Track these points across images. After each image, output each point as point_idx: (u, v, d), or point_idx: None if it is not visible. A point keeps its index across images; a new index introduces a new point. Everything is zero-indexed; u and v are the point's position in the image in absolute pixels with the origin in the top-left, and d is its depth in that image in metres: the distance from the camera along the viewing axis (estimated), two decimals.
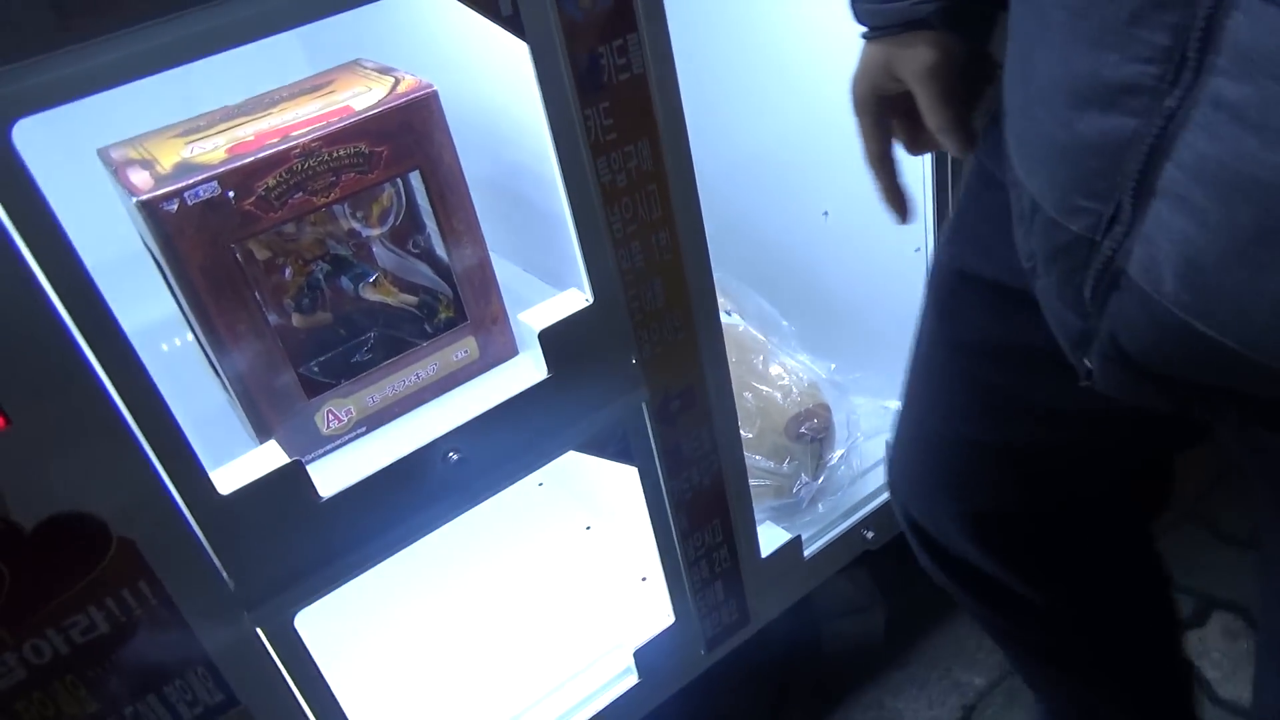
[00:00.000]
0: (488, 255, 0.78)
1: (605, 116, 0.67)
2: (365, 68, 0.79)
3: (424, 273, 0.78)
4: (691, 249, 0.77)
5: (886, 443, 1.08)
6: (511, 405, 0.72)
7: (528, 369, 0.74)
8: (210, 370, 0.76)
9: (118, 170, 0.68)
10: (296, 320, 0.74)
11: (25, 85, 0.46)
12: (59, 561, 0.56)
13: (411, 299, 0.78)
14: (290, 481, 0.63)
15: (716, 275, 1.22)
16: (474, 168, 0.74)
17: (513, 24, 0.62)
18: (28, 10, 0.45)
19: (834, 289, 1.20)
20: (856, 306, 1.17)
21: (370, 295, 0.77)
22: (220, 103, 0.76)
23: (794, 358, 1.09)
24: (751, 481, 1.01)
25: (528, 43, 0.62)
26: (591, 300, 0.73)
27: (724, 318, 1.10)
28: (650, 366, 0.78)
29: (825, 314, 1.24)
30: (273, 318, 0.71)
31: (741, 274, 1.32)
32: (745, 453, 0.99)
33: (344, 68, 0.80)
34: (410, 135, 0.70)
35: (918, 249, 1.02)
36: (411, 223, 0.75)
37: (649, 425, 0.81)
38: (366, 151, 0.69)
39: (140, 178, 0.65)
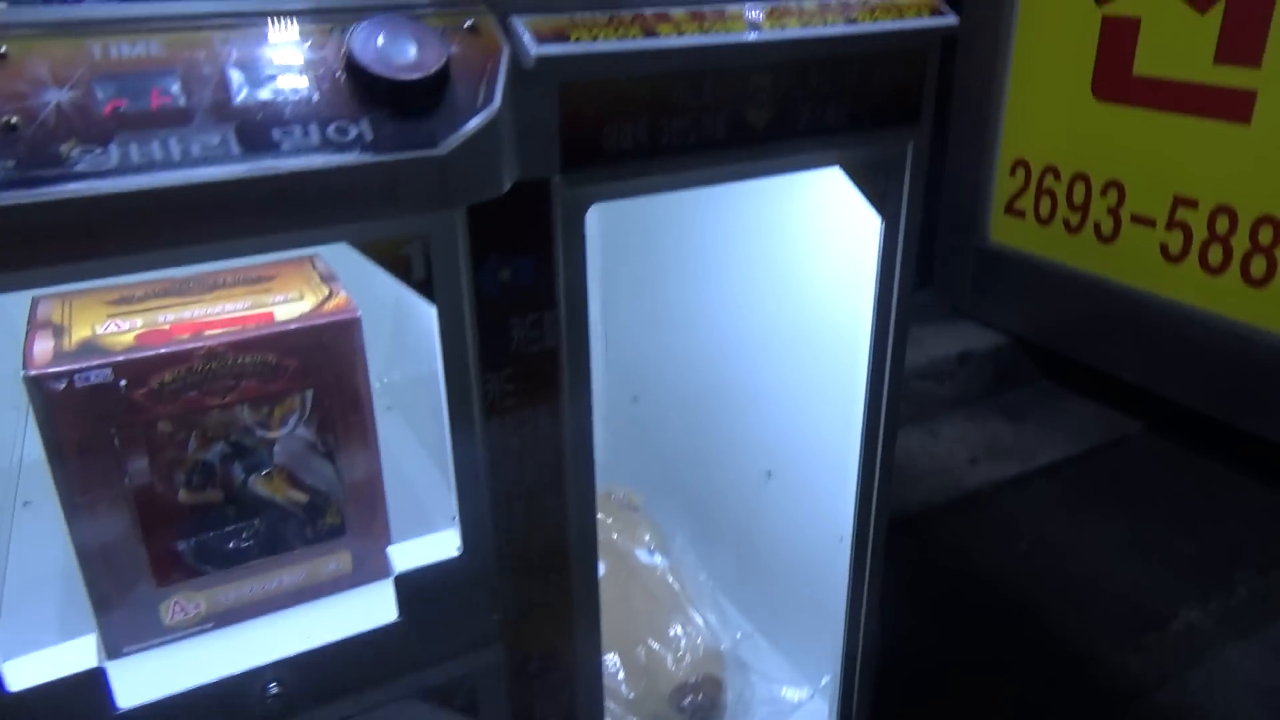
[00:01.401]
0: (378, 472, 0.78)
1: (506, 382, 0.68)
2: (314, 269, 0.81)
3: (322, 473, 0.78)
4: (579, 516, 0.76)
5: None
6: (353, 643, 0.70)
7: (378, 605, 0.72)
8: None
9: (31, 329, 0.69)
10: (183, 495, 0.74)
11: None
12: None
13: (300, 497, 0.78)
14: (88, 687, 0.61)
15: (651, 509, 1.21)
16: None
17: (423, 288, 0.63)
18: None
19: (762, 554, 1.17)
20: (779, 579, 1.15)
21: (259, 488, 0.76)
22: None
23: (702, 616, 1.06)
24: None
25: (436, 306, 0.64)
26: (461, 550, 0.72)
27: (644, 556, 1.09)
28: (515, 625, 0.76)
29: (748, 576, 1.22)
30: (158, 487, 0.70)
31: (678, 510, 1.31)
32: (622, 714, 0.95)
33: (296, 263, 0.82)
34: (323, 354, 0.71)
35: (842, 538, 1.00)
36: (318, 424, 0.75)
37: (502, 684, 0.78)
38: (274, 363, 0.70)
39: (42, 347, 0.66)
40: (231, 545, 0.75)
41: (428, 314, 0.65)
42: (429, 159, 0.52)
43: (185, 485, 0.73)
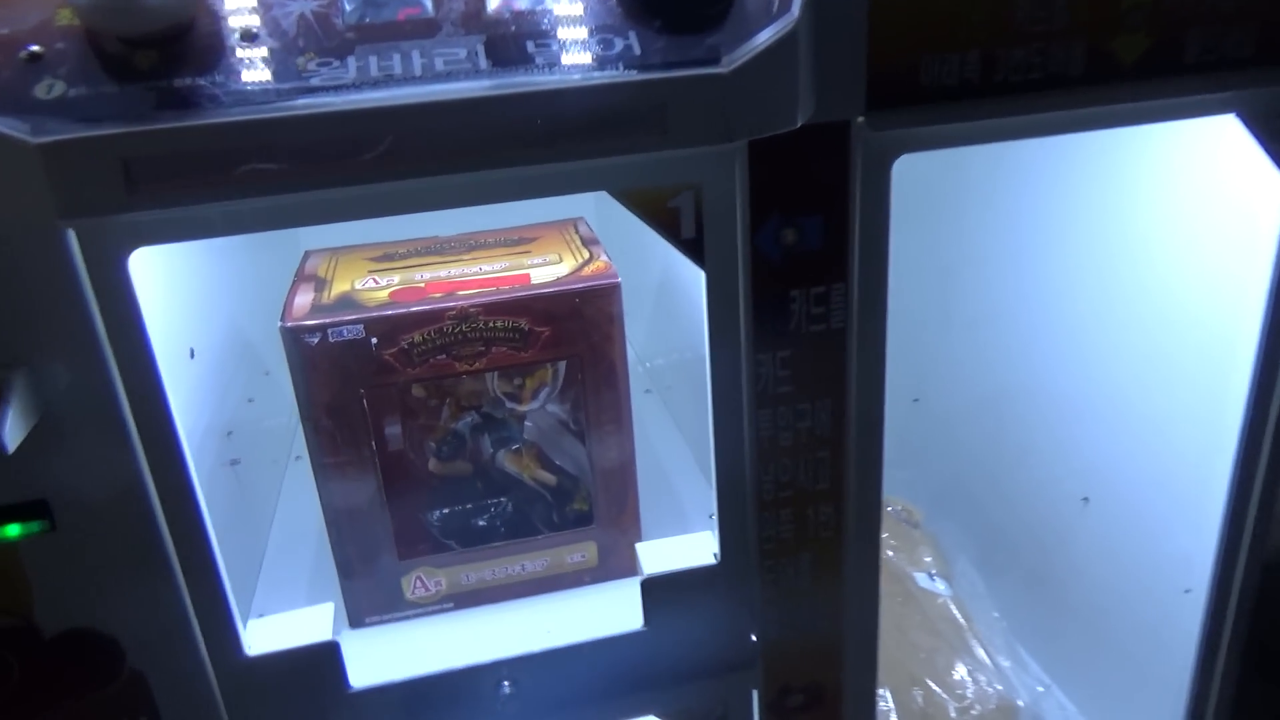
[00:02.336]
0: (632, 458, 0.70)
1: (781, 366, 0.57)
2: (576, 233, 0.74)
3: (572, 454, 0.71)
4: (860, 529, 0.64)
5: None
6: (593, 647, 0.62)
7: (623, 607, 0.64)
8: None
9: (296, 280, 0.68)
10: (434, 465, 0.70)
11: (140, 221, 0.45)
12: (69, 674, 0.54)
13: (549, 478, 0.72)
14: (322, 661, 0.57)
15: (933, 528, 1.05)
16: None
17: (693, 249, 0.54)
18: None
19: (1071, 597, 0.98)
20: (1093, 630, 0.95)
21: (507, 465, 0.71)
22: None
23: (994, 659, 0.90)
24: None
25: (706, 271, 0.54)
26: (718, 557, 0.62)
27: (924, 581, 0.94)
28: (774, 650, 0.65)
29: (1051, 621, 1.02)
30: (407, 455, 0.67)
31: (965, 534, 1.14)
32: None
33: (559, 225, 0.76)
34: (578, 322, 0.64)
35: (1189, 590, 0.79)
36: (571, 401, 0.69)
37: (755, 716, 0.67)
38: (525, 329, 0.63)
39: (302, 300, 0.64)
40: (476, 522, 0.71)
41: (695, 282, 0.56)
42: (709, 78, 0.42)
43: (435, 455, 0.69)
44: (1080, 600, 0.97)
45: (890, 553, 0.98)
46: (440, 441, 0.69)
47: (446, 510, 0.70)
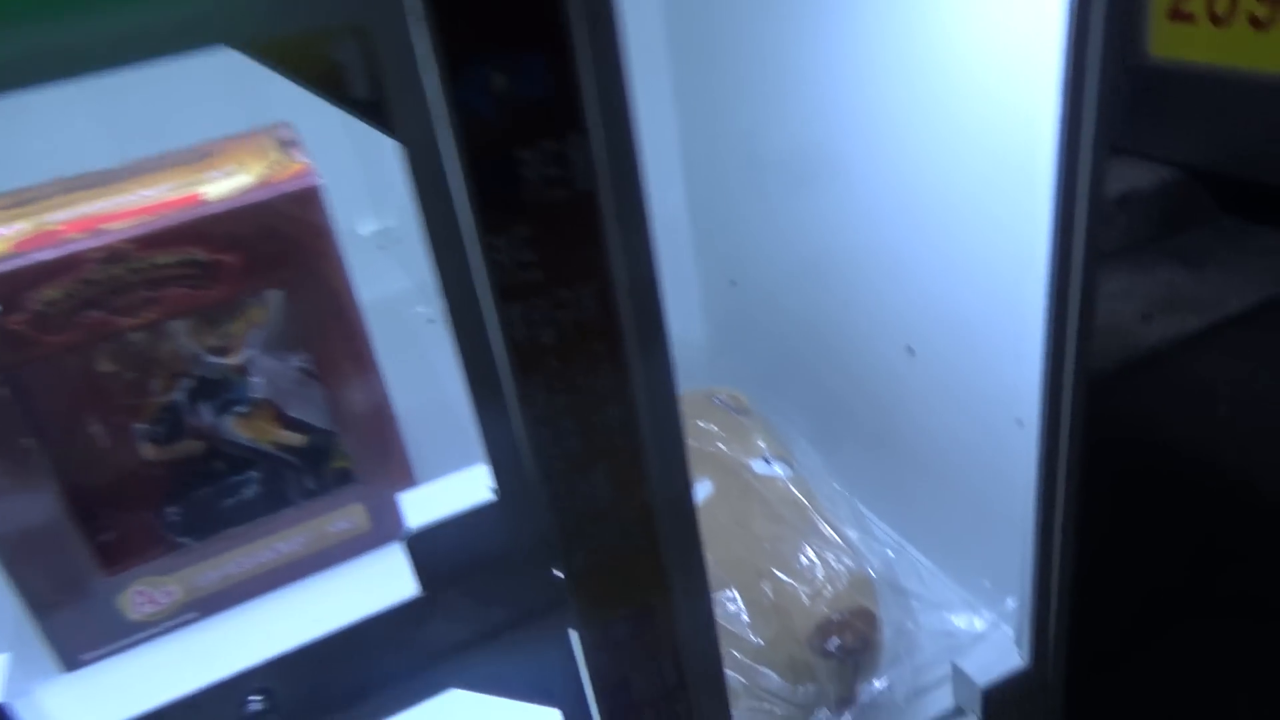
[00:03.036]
0: (385, 399, 0.58)
1: (524, 249, 0.46)
2: (276, 137, 0.60)
3: (317, 404, 0.59)
4: (660, 429, 0.55)
5: (953, 666, 0.82)
6: (363, 629, 0.51)
7: (393, 577, 0.53)
8: None
9: None
10: (151, 451, 0.56)
11: None
12: None
13: (295, 439, 0.59)
14: None
15: (765, 410, 0.99)
16: None
17: (374, 114, 0.41)
18: None
19: (910, 451, 0.94)
20: (937, 480, 0.91)
21: (238, 432, 0.58)
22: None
23: (841, 534, 0.85)
24: (752, 705, 0.76)
25: (400, 140, 0.42)
26: (496, 491, 0.52)
27: (761, 467, 0.87)
28: (585, 582, 0.56)
29: (896, 481, 0.99)
30: (111, 444, 0.53)
31: (799, 410, 1.09)
32: (751, 665, 0.75)
33: (252, 135, 0.62)
34: (274, 242, 0.51)
35: (1020, 421, 0.76)
36: (295, 340, 0.56)
37: (580, 657, 0.58)
38: (203, 260, 0.50)
39: None
40: (219, 509, 0.58)
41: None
42: None
43: (151, 438, 0.55)
44: (920, 453, 0.93)
45: (721, 445, 0.91)
46: (154, 421, 0.56)
47: (179, 502, 0.57)
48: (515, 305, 0.47)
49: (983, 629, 0.82)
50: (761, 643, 0.78)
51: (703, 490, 0.88)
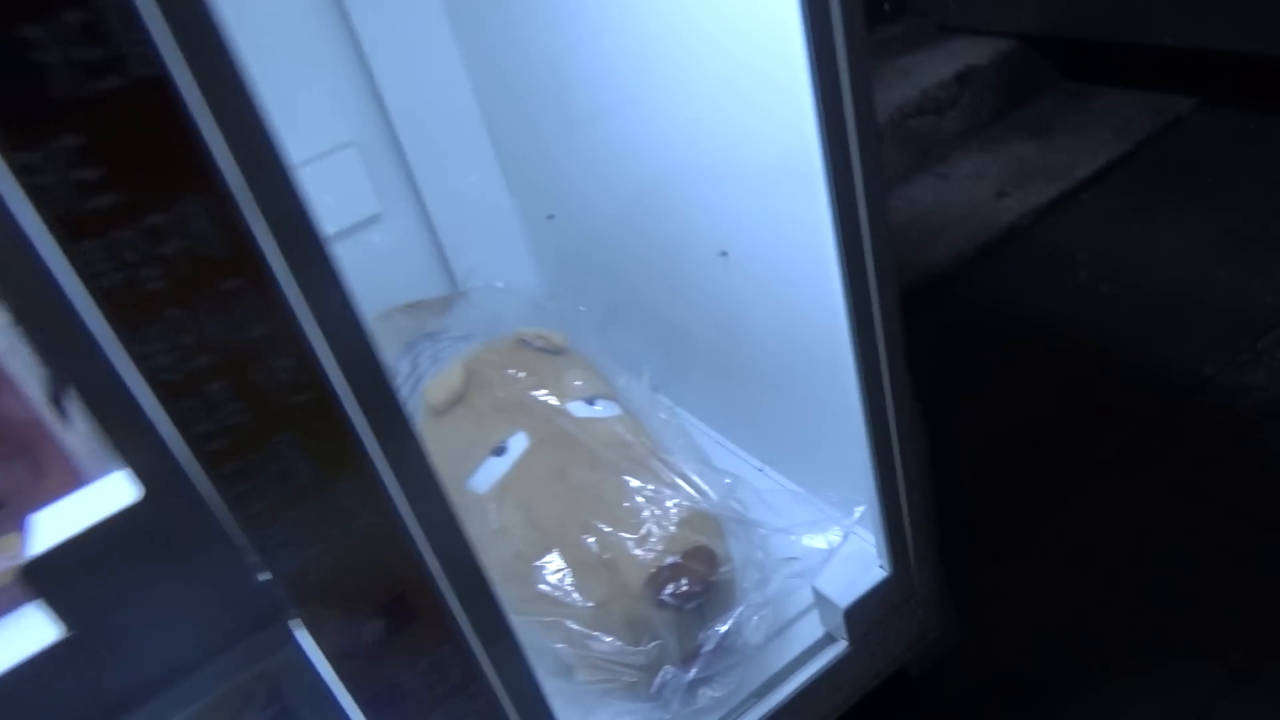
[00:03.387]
0: (28, 401, 0.46)
1: (79, 165, 0.35)
2: None
3: None
4: (353, 363, 0.44)
5: (814, 591, 0.74)
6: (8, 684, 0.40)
7: (29, 622, 0.41)
8: None
9: None
10: None
11: None
12: None
13: None
14: None
15: (592, 351, 0.89)
16: None
17: None
18: None
19: (740, 366, 0.86)
20: (769, 394, 0.83)
21: None
22: None
23: (674, 471, 0.76)
24: (592, 677, 0.67)
25: None
26: (145, 494, 0.40)
27: (581, 410, 0.77)
28: (306, 581, 0.46)
29: (730, 401, 0.90)
30: None
31: (634, 346, 1.00)
32: (584, 632, 0.66)
33: None
34: None
35: (836, 315, 0.67)
36: None
37: (324, 670, 0.48)
38: None
39: None
40: None
41: None
42: None
43: None
44: (748, 367, 0.84)
45: (534, 392, 0.81)
46: None
47: None
48: (90, 244, 0.36)
49: (836, 543, 0.74)
50: (593, 605, 0.69)
51: (517, 446, 0.78)
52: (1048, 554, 1.01)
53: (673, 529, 0.70)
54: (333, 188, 1.11)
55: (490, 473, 0.78)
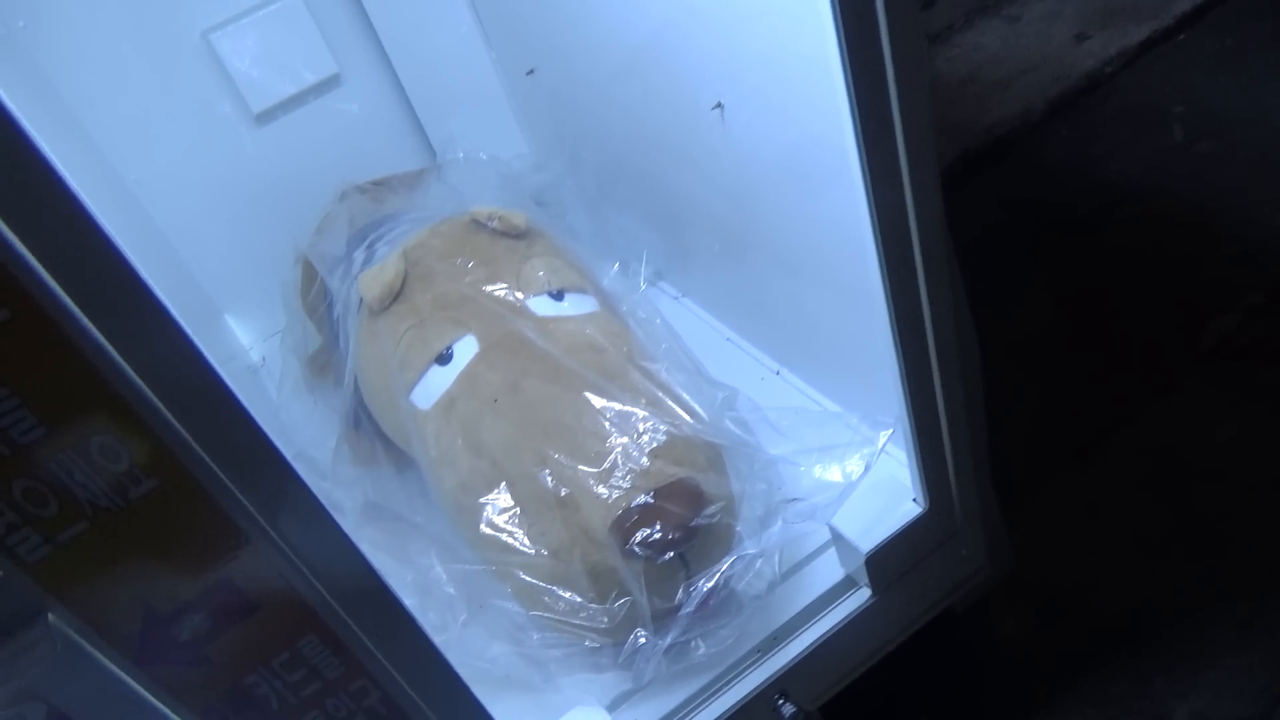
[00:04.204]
0: None
1: None
2: None
3: None
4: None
5: (831, 530, 0.60)
6: None
7: None
8: None
9: None
10: None
11: None
12: None
13: None
14: None
15: (558, 227, 0.74)
16: None
17: None
18: None
19: (750, 239, 0.69)
20: (792, 279, 0.67)
21: None
22: None
23: (656, 383, 0.60)
24: (549, 639, 0.55)
25: None
26: None
27: (544, 307, 0.63)
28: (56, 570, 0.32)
29: (753, 290, 0.74)
30: None
31: (630, 225, 0.84)
32: (538, 586, 0.53)
33: None
34: None
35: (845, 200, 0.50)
36: None
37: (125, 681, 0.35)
38: None
39: None
40: None
41: None
42: None
43: None
44: (759, 245, 0.68)
45: (486, 287, 0.66)
46: None
47: None
48: None
49: (855, 474, 0.59)
50: (547, 554, 0.55)
51: (464, 352, 0.63)
52: (1120, 472, 0.85)
53: (644, 460, 0.55)
54: (279, 44, 0.95)
55: (434, 385, 0.63)
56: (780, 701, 0.58)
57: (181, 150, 0.96)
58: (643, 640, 0.54)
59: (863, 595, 0.61)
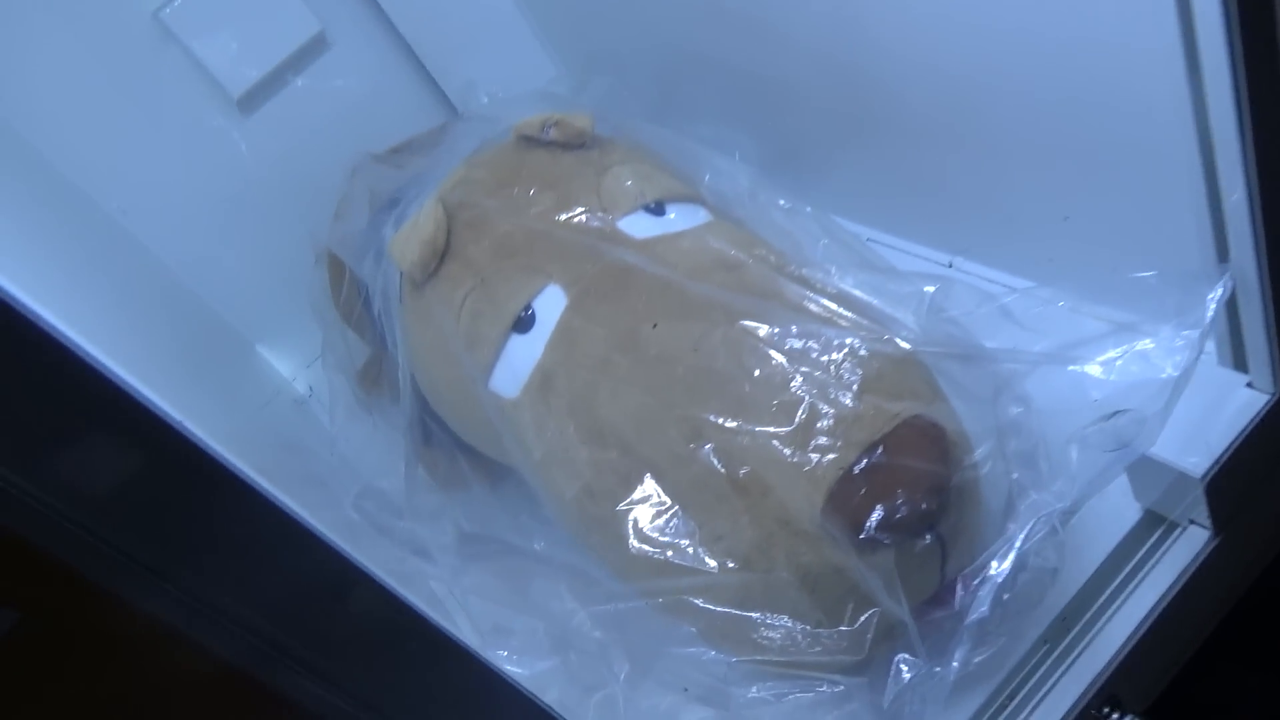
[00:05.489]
0: None
1: None
2: None
3: None
4: None
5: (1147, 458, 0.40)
6: None
7: None
8: None
9: None
10: None
11: None
12: None
13: None
14: None
15: (637, 129, 0.55)
16: None
17: None
18: None
19: (861, 110, 0.50)
20: (954, 122, 0.47)
21: None
22: None
23: (835, 298, 0.42)
24: (763, 689, 0.37)
25: None
26: None
27: (642, 225, 0.45)
28: None
29: (888, 163, 0.55)
30: None
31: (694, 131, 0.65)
32: (729, 614, 0.35)
33: None
34: None
35: None
36: None
37: None
38: None
39: None
40: None
41: None
42: None
43: None
44: (885, 114, 0.49)
45: (560, 215, 0.47)
46: None
47: None
48: None
49: (1182, 364, 0.38)
50: (734, 565, 0.37)
51: (549, 308, 0.45)
52: None
53: (852, 400, 0.36)
54: (246, 7, 0.78)
55: (517, 362, 0.45)
56: (1112, 716, 0.39)
57: (165, 162, 0.79)
58: (912, 670, 0.35)
59: (1197, 538, 0.41)
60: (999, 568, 0.35)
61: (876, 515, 0.34)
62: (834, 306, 0.41)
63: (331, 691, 0.23)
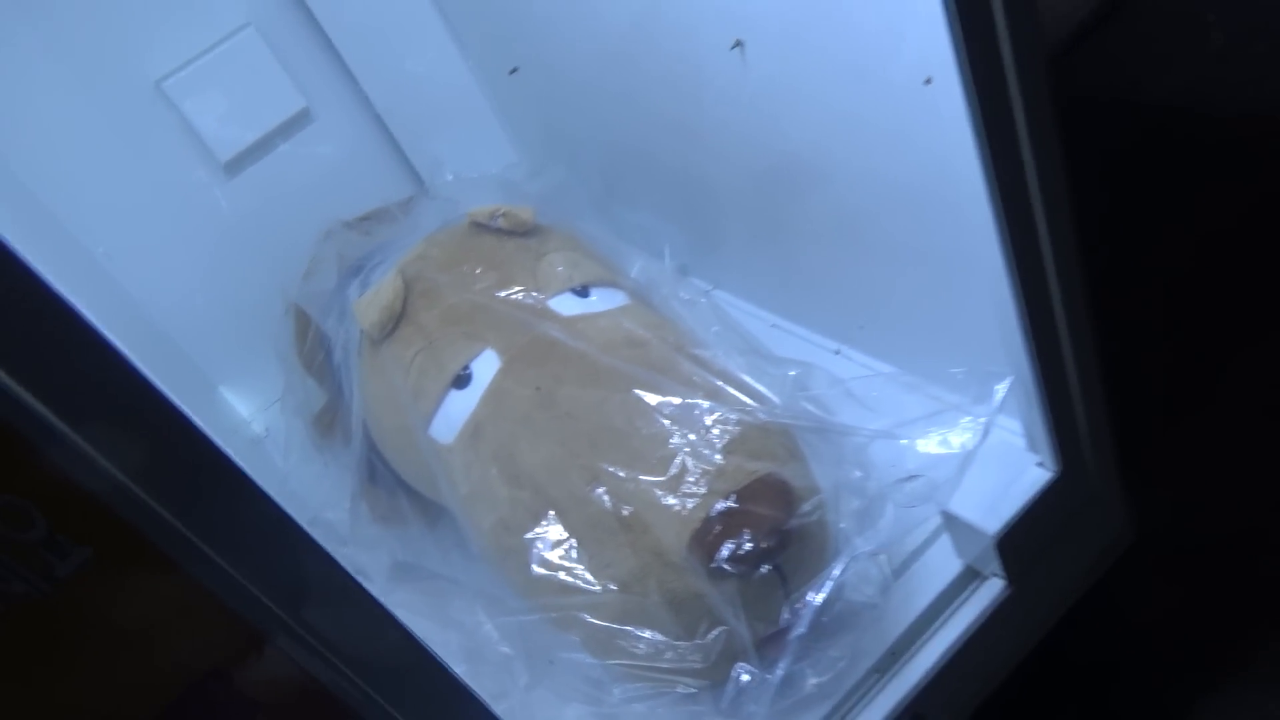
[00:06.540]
0: None
1: None
2: None
3: None
4: None
5: (945, 516, 0.50)
6: None
7: None
8: None
9: None
10: None
11: None
12: None
13: None
14: None
15: (570, 220, 0.65)
16: None
17: None
18: None
19: (790, 208, 0.60)
20: (840, 232, 0.58)
21: None
22: None
23: (714, 372, 0.51)
24: (633, 692, 0.45)
25: None
26: None
27: (568, 305, 0.54)
28: None
29: (787, 263, 0.65)
30: None
31: (633, 218, 0.75)
32: (608, 629, 0.43)
33: None
34: None
35: (929, 80, 0.41)
36: None
37: None
38: None
39: None
40: None
41: None
42: None
43: None
44: (801, 212, 0.59)
45: (499, 293, 0.57)
46: None
47: None
48: None
49: (967, 445, 0.49)
50: (615, 587, 0.46)
51: (484, 369, 0.54)
52: (1240, 406, 0.75)
53: (718, 458, 0.46)
54: (239, 83, 0.87)
55: (454, 413, 0.54)
56: None
57: (151, 214, 0.88)
58: (746, 677, 0.44)
59: (995, 587, 0.51)
60: (817, 597, 0.44)
61: (726, 550, 0.43)
62: (717, 382, 0.51)
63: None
